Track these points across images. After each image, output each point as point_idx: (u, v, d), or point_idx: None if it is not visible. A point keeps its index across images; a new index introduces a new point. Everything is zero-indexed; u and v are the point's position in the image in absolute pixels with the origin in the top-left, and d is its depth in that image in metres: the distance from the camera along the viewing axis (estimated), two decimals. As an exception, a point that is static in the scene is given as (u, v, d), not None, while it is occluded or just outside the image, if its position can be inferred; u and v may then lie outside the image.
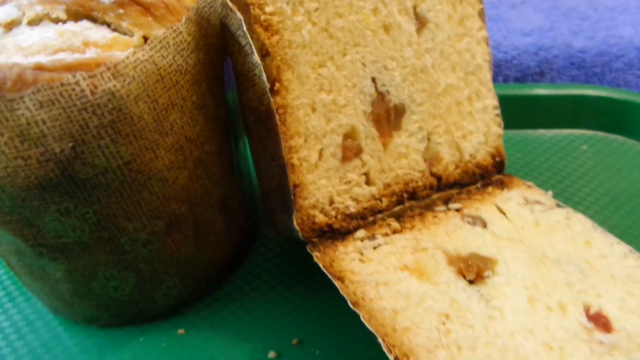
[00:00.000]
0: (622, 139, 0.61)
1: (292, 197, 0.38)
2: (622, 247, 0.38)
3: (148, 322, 0.44)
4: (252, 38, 0.36)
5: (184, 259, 0.41)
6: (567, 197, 0.54)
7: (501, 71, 0.65)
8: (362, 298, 0.34)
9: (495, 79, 0.65)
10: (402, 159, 0.43)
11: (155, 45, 0.33)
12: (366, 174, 0.41)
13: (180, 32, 0.35)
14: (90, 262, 0.38)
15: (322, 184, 0.39)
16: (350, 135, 0.40)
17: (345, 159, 0.40)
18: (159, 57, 0.34)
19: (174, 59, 0.35)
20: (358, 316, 0.33)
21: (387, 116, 0.42)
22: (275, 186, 0.40)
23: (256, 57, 0.36)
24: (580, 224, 0.41)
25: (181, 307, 0.44)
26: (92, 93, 0.31)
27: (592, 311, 0.33)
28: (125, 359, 0.41)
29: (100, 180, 0.34)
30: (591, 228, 0.40)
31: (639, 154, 0.59)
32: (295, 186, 0.38)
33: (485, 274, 0.36)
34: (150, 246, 0.39)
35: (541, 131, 0.63)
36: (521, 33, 0.66)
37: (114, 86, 0.32)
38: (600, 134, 0.62)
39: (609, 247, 0.38)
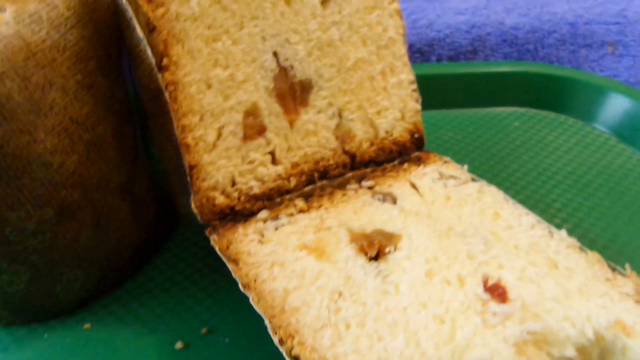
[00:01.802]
0: (554, 115, 0.61)
1: (189, 179, 0.36)
2: (530, 218, 0.37)
3: (53, 318, 0.42)
4: (135, 11, 0.34)
5: (83, 248, 0.39)
6: (495, 173, 0.53)
7: (434, 50, 0.64)
8: (254, 280, 0.32)
9: (428, 59, 0.64)
10: (311, 137, 0.41)
11: (24, 20, 0.31)
12: (272, 153, 0.40)
13: (56, 6, 0.33)
14: (-27, 255, 0.35)
15: (222, 164, 0.38)
16: (252, 112, 0.39)
17: (247, 137, 0.39)
18: (27, 32, 0.32)
19: (47, 35, 0.33)
20: None
21: (292, 92, 0.40)
22: (173, 168, 0.38)
23: (139, 32, 0.34)
24: (491, 196, 0.40)
25: (89, 301, 0.42)
26: (-54, 70, 0.29)
27: (490, 282, 0.32)
28: (27, 357, 0.39)
29: (-31, 165, 0.32)
30: (502, 200, 0.39)
31: (570, 128, 0.58)
32: (191, 167, 0.36)
33: (387, 249, 0.35)
34: (40, 236, 0.37)
35: (473, 109, 0.62)
36: (455, 12, 0.65)
37: (-28, 63, 0.29)
38: (533, 110, 0.61)
39: (517, 218, 0.37)
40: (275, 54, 0.39)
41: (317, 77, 0.41)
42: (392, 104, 0.45)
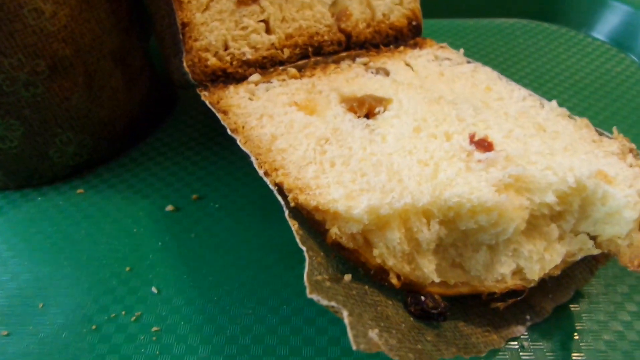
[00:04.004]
0: (555, 27, 0.60)
1: (181, 37, 0.36)
2: (522, 92, 0.37)
3: (47, 184, 0.42)
4: None
5: (75, 110, 0.39)
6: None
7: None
8: (243, 127, 0.33)
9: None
10: (306, 10, 0.41)
11: None
12: (266, 22, 0.39)
13: None
14: (-34, 102, 0.36)
15: (215, 26, 0.37)
16: (246, -24, 0.38)
17: (241, 2, 0.38)
18: None
19: None
20: (259, 178, 0.31)
21: (289, -40, 0.40)
22: (165, 27, 0.38)
23: None
24: (485, 74, 0.40)
25: (83, 170, 0.43)
26: None
27: (476, 138, 0.32)
28: (18, 218, 0.40)
29: (-40, -2, 0.31)
30: (496, 77, 0.39)
31: (571, 39, 0.58)
32: (184, 25, 0.36)
33: (377, 110, 0.35)
34: (33, 89, 0.37)
35: (475, 20, 0.61)
36: None
37: None
38: (535, 22, 0.60)
39: (510, 92, 0.37)
40: None
41: (314, -52, 0.40)
42: (390, -14, 0.44)
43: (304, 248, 0.26)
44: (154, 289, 0.34)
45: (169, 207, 0.40)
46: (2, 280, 0.36)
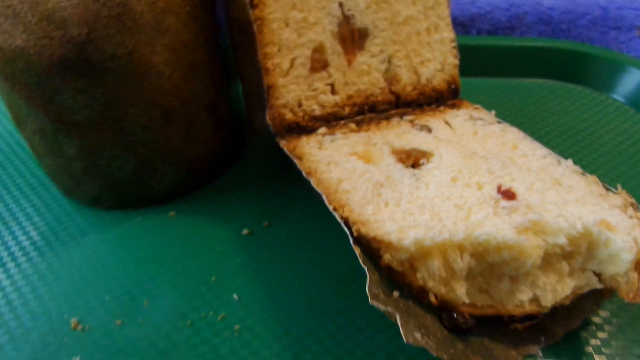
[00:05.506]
0: (580, 88, 0.67)
1: (266, 97, 0.45)
2: (543, 150, 0.45)
3: (145, 206, 0.52)
4: (237, -40, 0.43)
5: (175, 149, 0.49)
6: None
7: (475, 24, 0.71)
8: (315, 171, 0.41)
9: (469, 32, 0.71)
10: (364, 76, 0.50)
11: (157, -43, 0.41)
12: (331, 85, 0.49)
13: (179, -49, 0.43)
14: (99, 140, 0.46)
15: (292, 88, 0.47)
16: (318, 49, 0.48)
17: (313, 69, 0.48)
18: (159, -34, 0.41)
19: (171, -29, 0.42)
20: (320, 208, 0.39)
21: (352, 37, 0.49)
22: (254, 88, 0.47)
23: (239, -26, 0.43)
24: (512, 134, 0.47)
25: (174, 196, 0.53)
26: (104, -11, 0.39)
27: (503, 188, 0.40)
28: (124, 233, 0.50)
29: (109, 65, 0.42)
30: (522, 137, 0.47)
31: (594, 99, 0.65)
32: (269, 87, 0.46)
33: (421, 161, 0.43)
34: (147, 132, 0.47)
35: (506, 79, 0.69)
36: (497, -8, 0.72)
37: (122, -15, 0.39)
38: (560, 82, 0.68)
39: (533, 150, 0.45)
40: (340, 4, 0.48)
41: (372, 27, 0.50)
42: (434, 57, 0.53)
43: (365, 267, 0.34)
44: (235, 296, 0.42)
45: (245, 231, 0.48)
46: (115, 277, 0.44)
